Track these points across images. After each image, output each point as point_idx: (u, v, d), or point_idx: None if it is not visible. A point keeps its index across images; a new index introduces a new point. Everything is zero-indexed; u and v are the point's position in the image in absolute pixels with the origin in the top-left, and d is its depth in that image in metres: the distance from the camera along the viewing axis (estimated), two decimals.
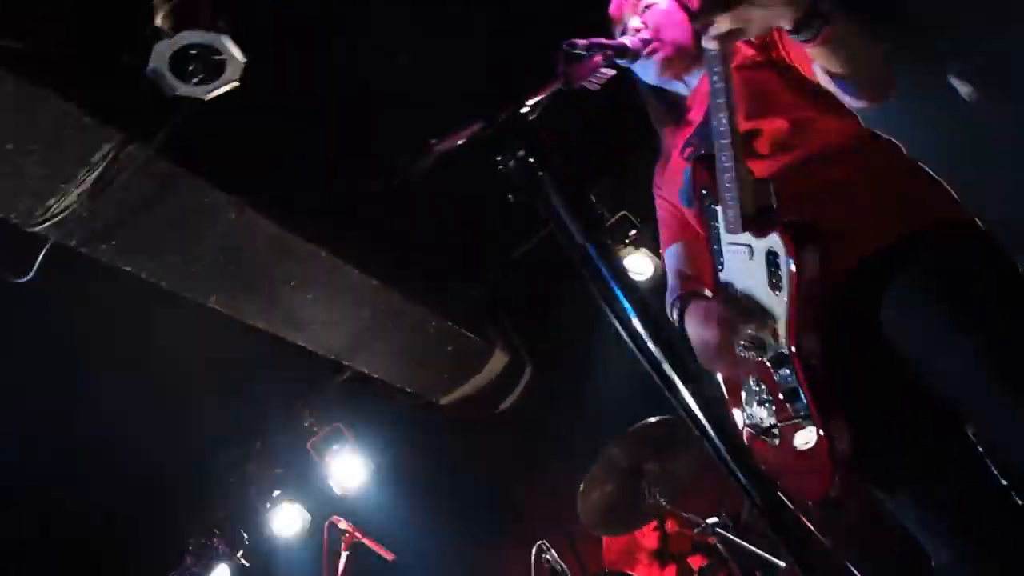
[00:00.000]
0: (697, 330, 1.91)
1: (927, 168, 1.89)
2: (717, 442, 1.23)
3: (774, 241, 1.70)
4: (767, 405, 1.81)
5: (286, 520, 5.46)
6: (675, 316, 2.05)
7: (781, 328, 1.72)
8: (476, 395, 5.31)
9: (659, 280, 4.79)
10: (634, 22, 2.16)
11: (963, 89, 3.83)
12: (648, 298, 1.33)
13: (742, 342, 1.83)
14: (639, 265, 4.86)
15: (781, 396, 1.75)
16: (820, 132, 1.88)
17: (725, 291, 1.89)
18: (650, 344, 1.25)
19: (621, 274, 1.27)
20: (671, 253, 2.21)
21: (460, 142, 1.33)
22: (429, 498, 5.30)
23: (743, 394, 1.89)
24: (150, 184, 2.99)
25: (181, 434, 4.98)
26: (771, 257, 1.72)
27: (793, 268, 1.66)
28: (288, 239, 3.59)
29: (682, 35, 2.15)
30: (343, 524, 4.45)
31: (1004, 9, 3.40)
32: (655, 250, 4.87)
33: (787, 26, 1.67)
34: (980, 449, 1.74)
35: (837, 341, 1.74)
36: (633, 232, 4.89)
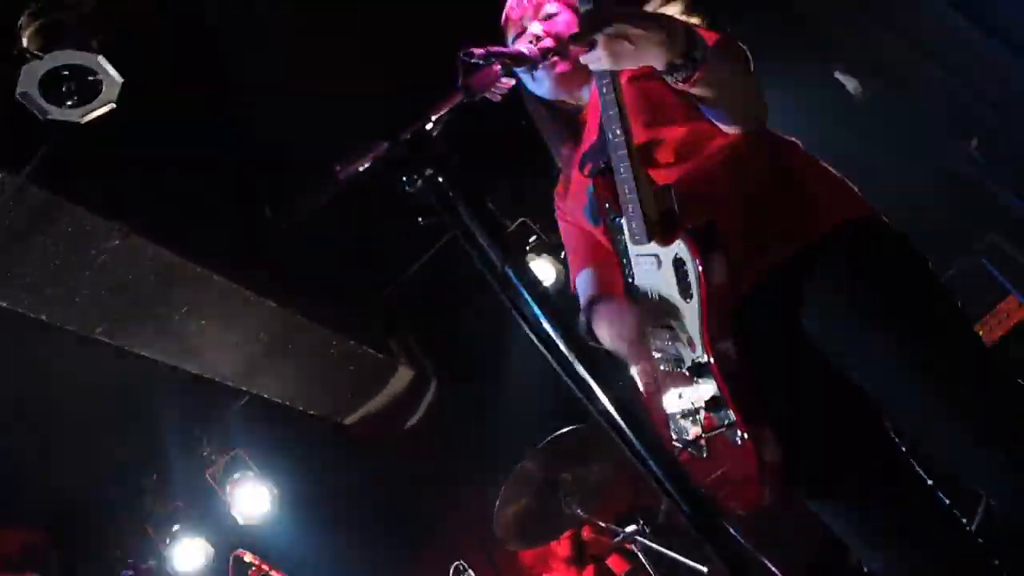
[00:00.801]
0: (610, 324, 1.89)
1: (828, 166, 1.93)
2: (633, 441, 1.22)
3: (680, 248, 1.69)
4: (692, 417, 1.79)
5: (188, 555, 5.20)
6: (583, 320, 2.03)
7: (696, 336, 1.71)
8: (381, 413, 5.20)
9: (562, 285, 4.82)
10: (535, 28, 2.11)
11: (850, 84, 3.98)
12: (560, 305, 1.32)
13: (659, 354, 1.82)
14: (541, 271, 4.87)
15: (704, 406, 1.74)
16: (720, 137, 1.88)
17: (637, 302, 1.88)
18: (563, 347, 1.24)
19: (538, 290, 1.25)
20: (582, 279, 2.15)
21: (365, 165, 1.27)
22: (339, 523, 5.17)
23: (666, 408, 1.87)
24: (24, 214, 2.81)
25: (68, 470, 4.70)
26: (679, 264, 1.71)
27: (701, 273, 1.66)
28: (177, 264, 3.43)
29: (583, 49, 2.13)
30: (248, 557, 4.27)
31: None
32: (557, 256, 4.89)
33: (659, 67, 1.67)
34: (904, 448, 1.79)
35: (755, 346, 1.73)
36: (534, 238, 4.90)
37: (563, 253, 4.90)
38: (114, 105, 2.55)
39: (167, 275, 3.44)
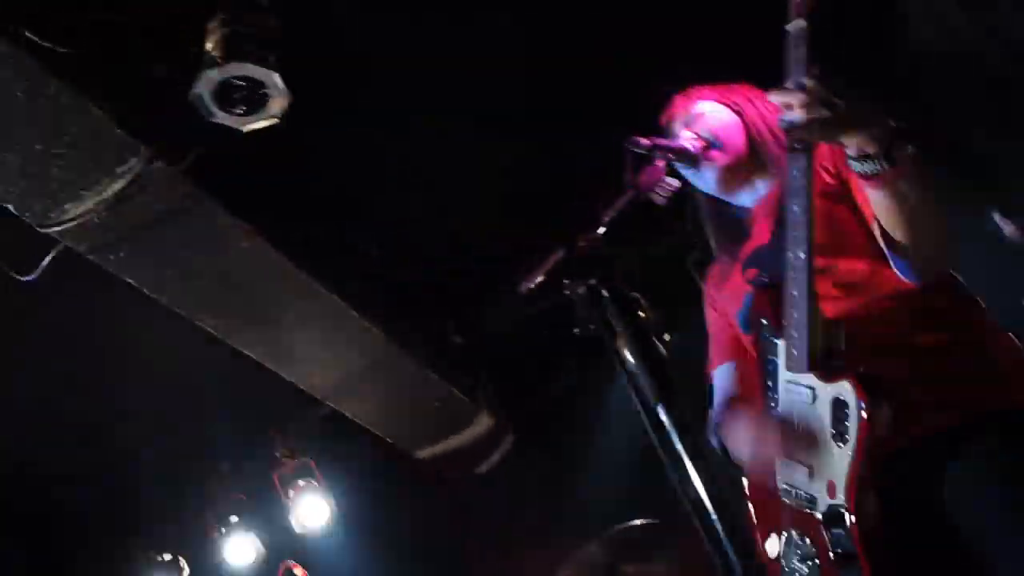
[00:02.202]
0: (748, 439, 1.80)
1: (1014, 338, 1.81)
2: (716, 522, 1.13)
3: (845, 390, 1.59)
4: (810, 563, 1.68)
5: (240, 550, 5.26)
6: (715, 437, 1.95)
7: (840, 483, 1.60)
8: (455, 454, 5.17)
9: None
10: (685, 134, 2.07)
11: (1007, 228, 3.79)
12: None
13: (786, 487, 1.72)
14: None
15: (831, 557, 1.62)
16: (898, 280, 1.77)
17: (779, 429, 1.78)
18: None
19: (687, 430, 1.18)
20: (722, 372, 2.09)
21: (542, 276, 1.24)
22: (390, 553, 5.14)
23: (782, 543, 1.76)
24: (169, 202, 2.89)
25: (153, 441, 4.82)
26: (839, 405, 1.60)
27: (865, 421, 1.55)
28: (294, 273, 3.48)
29: (738, 142, 2.07)
30: (299, 571, 4.29)
31: None
32: (659, 336, 4.76)
33: (851, 150, 1.58)
34: None
35: (897, 509, 1.61)
36: (642, 315, 4.79)
37: (666, 336, 4.83)
38: (277, 120, 2.60)
39: (283, 282, 3.49)
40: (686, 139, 2.05)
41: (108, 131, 2.53)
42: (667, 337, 4.91)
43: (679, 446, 1.10)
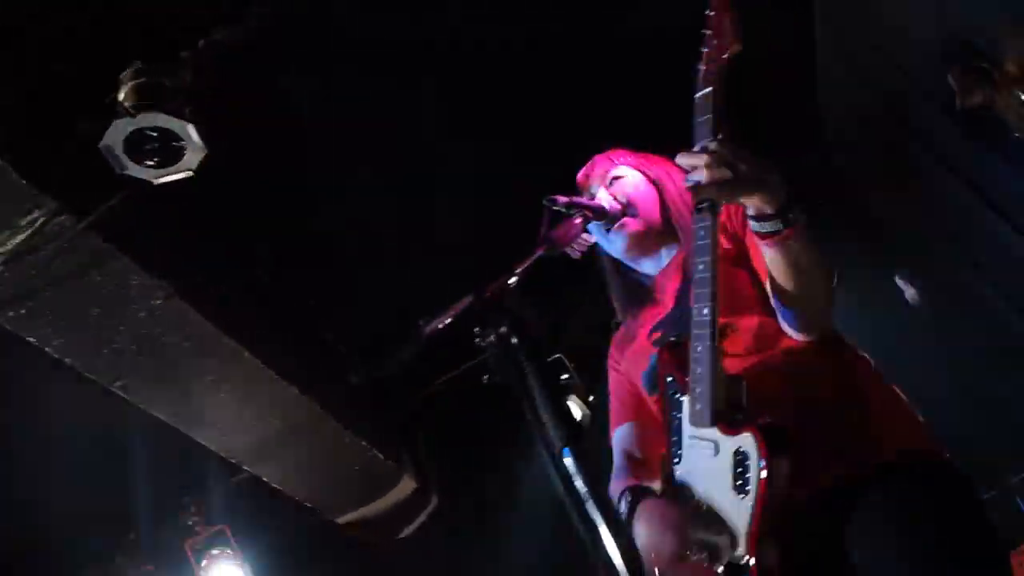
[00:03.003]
0: (649, 535, 1.78)
1: (899, 390, 1.86)
2: None
3: (746, 441, 1.60)
4: None
5: None
6: (623, 508, 1.92)
7: (741, 535, 1.60)
8: (377, 518, 5.03)
9: (586, 431, 4.68)
10: (602, 194, 2.12)
11: (908, 292, 3.92)
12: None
13: (694, 546, 1.71)
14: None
15: None
16: (790, 338, 1.83)
17: (680, 488, 1.78)
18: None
19: (592, 479, 1.16)
20: (622, 432, 2.09)
21: (447, 322, 1.21)
22: None
23: None
24: (75, 258, 2.79)
25: (44, 510, 4.55)
26: (739, 458, 1.61)
27: (764, 473, 1.56)
28: (211, 333, 3.38)
29: (653, 211, 2.12)
30: None
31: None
32: (585, 399, 4.78)
33: (751, 209, 1.63)
34: None
35: (796, 560, 1.62)
36: (565, 376, 4.79)
37: (591, 397, 4.82)
38: (192, 173, 2.55)
39: (200, 342, 3.39)
40: (604, 199, 2.09)
41: (11, 181, 2.45)
42: (591, 399, 4.85)
43: (586, 497, 1.08)
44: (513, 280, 1.30)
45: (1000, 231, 3.10)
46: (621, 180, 2.14)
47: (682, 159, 1.61)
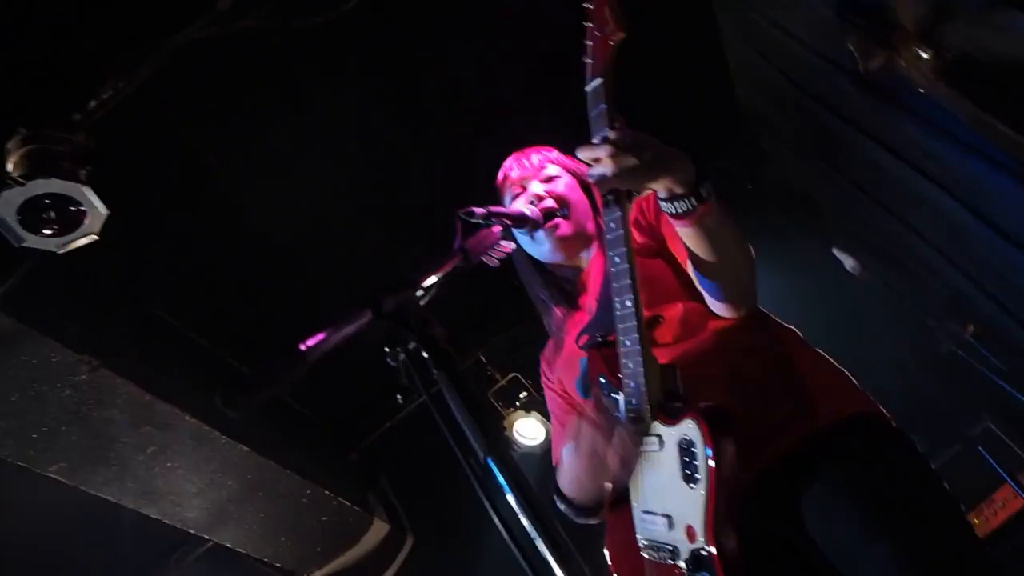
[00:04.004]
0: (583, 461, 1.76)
1: (827, 356, 1.85)
2: None
3: (688, 428, 1.56)
4: None
5: None
6: (562, 504, 1.88)
7: (698, 525, 1.54)
8: (352, 569, 4.88)
9: (551, 447, 4.61)
10: (536, 188, 2.09)
11: (847, 262, 3.94)
12: (543, 502, 1.18)
13: (646, 542, 1.65)
14: (530, 430, 4.67)
15: None
16: (719, 318, 1.82)
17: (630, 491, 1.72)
18: (542, 546, 1.09)
19: (520, 485, 1.10)
20: (569, 452, 2.00)
21: (344, 338, 1.14)
22: None
23: None
24: None
25: None
26: (685, 446, 1.57)
27: (712, 457, 1.52)
28: (146, 401, 3.25)
29: (586, 214, 2.10)
30: None
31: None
32: (547, 414, 4.71)
33: (662, 192, 1.62)
34: None
35: (758, 543, 1.58)
36: (524, 395, 4.73)
37: None
38: (96, 237, 2.45)
39: (135, 413, 3.25)
40: (524, 205, 2.05)
41: None
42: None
43: (513, 499, 1.02)
44: (420, 293, 1.24)
45: (920, 187, 3.12)
46: (556, 179, 2.12)
47: (583, 153, 1.58)
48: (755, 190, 4.23)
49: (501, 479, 1.06)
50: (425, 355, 1.11)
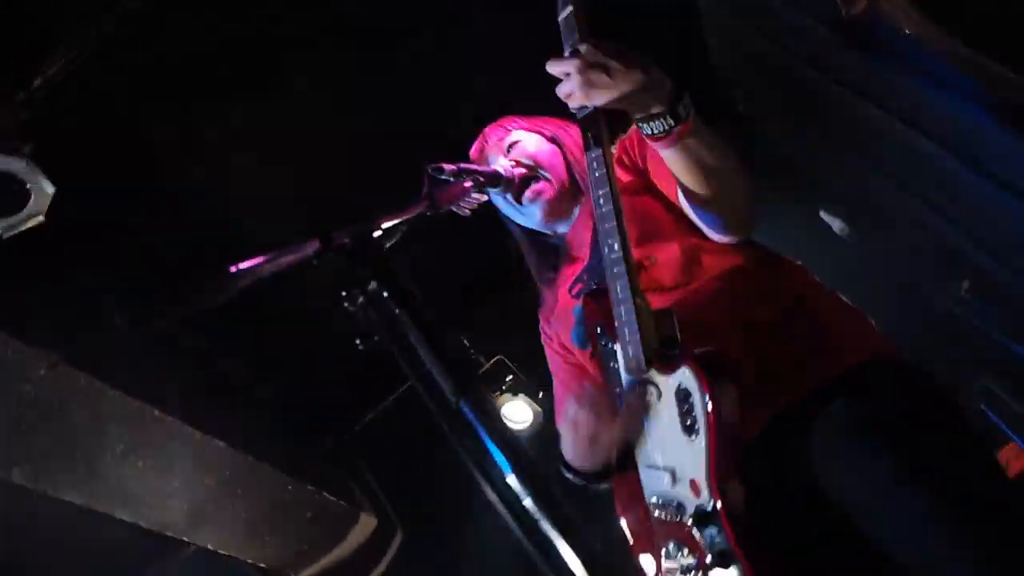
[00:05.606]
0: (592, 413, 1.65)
1: (842, 296, 1.76)
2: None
3: (685, 376, 1.46)
4: (692, 573, 1.52)
5: None
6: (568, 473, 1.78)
7: (702, 479, 1.45)
8: (340, 567, 4.74)
9: (540, 429, 4.51)
10: (502, 162, 2.01)
11: (835, 225, 3.84)
12: (527, 453, 1.08)
13: (654, 500, 1.55)
14: (518, 413, 4.56)
15: (709, 560, 1.47)
16: (722, 256, 1.71)
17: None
18: (528, 501, 0.98)
19: (497, 428, 0.99)
20: (569, 417, 1.92)
21: (280, 267, 1.01)
22: None
23: (662, 565, 1.58)
24: None
25: None
26: (683, 396, 1.47)
27: (710, 404, 1.41)
28: (110, 396, 3.10)
29: (560, 168, 2.04)
30: None
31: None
32: (535, 397, 4.61)
33: (636, 111, 1.52)
34: None
35: (765, 496, 1.47)
36: (510, 378, 4.61)
37: (541, 394, 4.66)
38: (43, 219, 2.30)
39: (100, 410, 3.10)
40: (500, 165, 1.97)
41: None
42: (541, 395, 4.65)
43: (485, 437, 0.91)
44: (379, 234, 1.11)
45: (910, 137, 3.02)
46: (519, 144, 2.04)
47: (552, 66, 1.48)
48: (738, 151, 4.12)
49: (479, 428, 0.94)
50: (384, 295, 0.98)
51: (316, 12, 3.01)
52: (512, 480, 0.99)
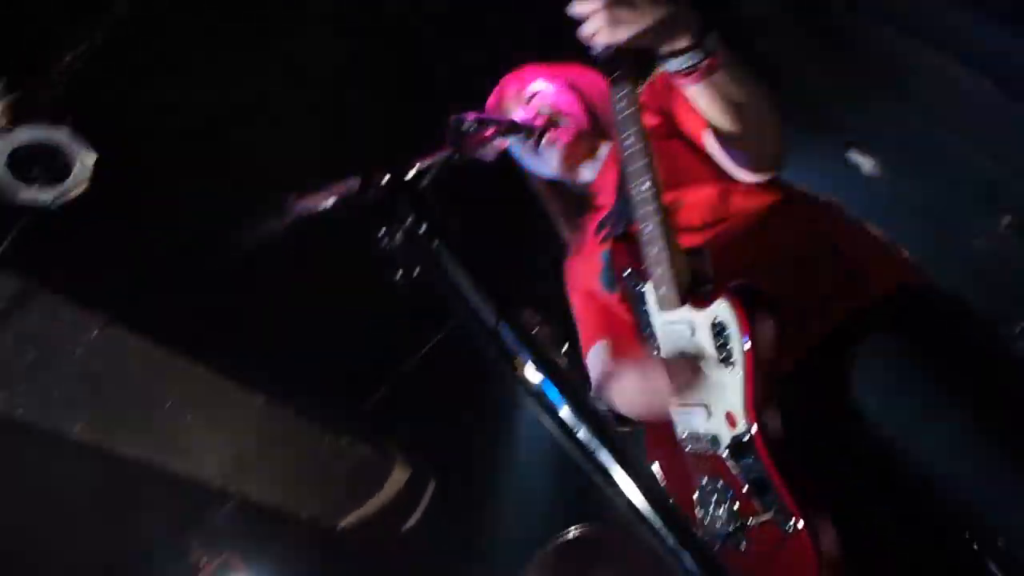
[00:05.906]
0: (636, 388, 1.73)
1: (872, 229, 1.77)
2: (663, 528, 1.02)
3: (721, 309, 1.49)
4: (727, 504, 1.56)
5: None
6: (601, 404, 1.85)
7: (738, 409, 1.49)
8: (378, 515, 4.90)
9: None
10: (520, 113, 2.02)
11: (866, 165, 3.81)
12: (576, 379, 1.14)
13: (686, 433, 1.61)
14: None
15: (745, 490, 1.51)
16: (751, 196, 1.73)
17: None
18: (582, 432, 1.05)
19: (544, 354, 1.06)
20: (595, 353, 1.96)
21: (330, 202, 1.09)
22: None
23: (695, 500, 1.64)
24: None
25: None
26: (719, 329, 1.50)
27: (747, 339, 1.45)
28: (160, 356, 3.24)
29: (580, 114, 2.01)
30: None
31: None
32: (559, 346, 4.67)
33: (662, 47, 1.52)
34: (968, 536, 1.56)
35: (802, 422, 1.52)
36: (536, 329, 4.67)
37: (565, 347, 4.71)
38: (87, 187, 2.40)
39: (149, 368, 3.25)
40: (518, 116, 1.99)
41: None
42: (565, 348, 4.74)
43: (529, 357, 0.98)
44: (414, 174, 1.19)
45: (942, 65, 2.95)
46: (539, 94, 2.03)
47: (577, 5, 1.47)
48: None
49: (523, 351, 1.01)
50: (421, 229, 1.06)
51: None
52: (565, 412, 1.04)
